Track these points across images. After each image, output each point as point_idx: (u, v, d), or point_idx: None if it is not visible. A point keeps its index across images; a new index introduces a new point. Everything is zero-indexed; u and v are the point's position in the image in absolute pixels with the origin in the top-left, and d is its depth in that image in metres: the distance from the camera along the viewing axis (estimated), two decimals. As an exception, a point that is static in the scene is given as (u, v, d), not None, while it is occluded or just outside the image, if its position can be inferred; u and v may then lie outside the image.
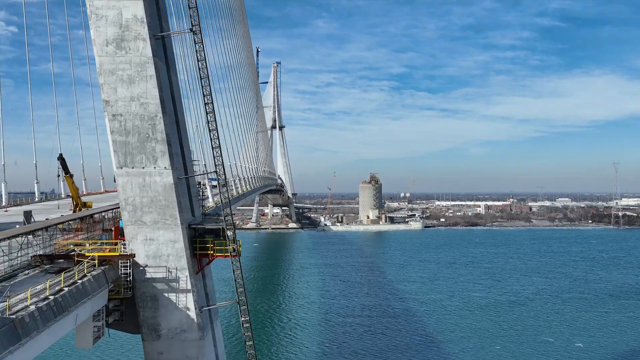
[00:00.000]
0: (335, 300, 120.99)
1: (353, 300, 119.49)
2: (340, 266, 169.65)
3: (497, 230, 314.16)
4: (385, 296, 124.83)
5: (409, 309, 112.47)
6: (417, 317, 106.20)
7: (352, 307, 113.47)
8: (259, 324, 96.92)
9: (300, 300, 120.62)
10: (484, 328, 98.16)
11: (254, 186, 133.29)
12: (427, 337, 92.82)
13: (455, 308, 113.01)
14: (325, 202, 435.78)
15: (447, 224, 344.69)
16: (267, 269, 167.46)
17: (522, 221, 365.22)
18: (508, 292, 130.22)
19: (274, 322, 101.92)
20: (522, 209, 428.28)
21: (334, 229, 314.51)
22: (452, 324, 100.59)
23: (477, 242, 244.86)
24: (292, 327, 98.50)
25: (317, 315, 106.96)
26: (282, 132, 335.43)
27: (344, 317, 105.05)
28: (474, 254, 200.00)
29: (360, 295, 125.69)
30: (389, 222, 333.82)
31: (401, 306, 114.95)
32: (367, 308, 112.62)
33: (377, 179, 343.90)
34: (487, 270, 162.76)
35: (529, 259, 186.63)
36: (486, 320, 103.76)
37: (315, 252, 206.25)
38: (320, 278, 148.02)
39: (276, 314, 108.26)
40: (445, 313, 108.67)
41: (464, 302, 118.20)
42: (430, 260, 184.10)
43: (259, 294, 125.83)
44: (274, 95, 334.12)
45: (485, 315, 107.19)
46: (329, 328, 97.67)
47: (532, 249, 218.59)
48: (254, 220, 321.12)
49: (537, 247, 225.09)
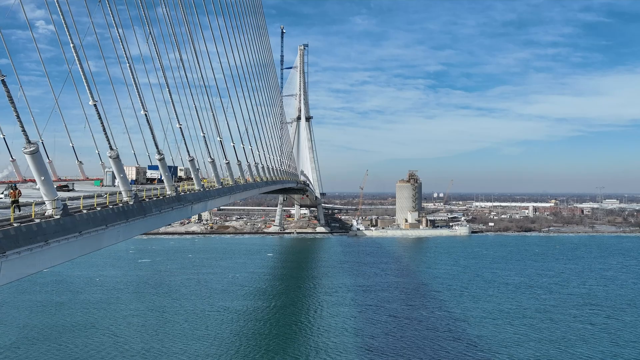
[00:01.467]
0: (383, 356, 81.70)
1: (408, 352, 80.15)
2: (382, 289, 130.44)
3: (556, 237, 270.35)
4: (456, 347, 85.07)
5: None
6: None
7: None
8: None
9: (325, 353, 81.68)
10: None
11: (260, 178, 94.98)
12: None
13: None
14: (356, 202, 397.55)
15: (496, 229, 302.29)
16: (278, 294, 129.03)
17: (581, 226, 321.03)
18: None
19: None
20: (574, 212, 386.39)
21: (367, 234, 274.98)
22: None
23: (538, 253, 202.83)
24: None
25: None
26: (310, 123, 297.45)
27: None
28: (546, 271, 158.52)
29: (419, 344, 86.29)
30: (430, 226, 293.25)
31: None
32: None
33: (416, 178, 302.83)
34: (584, 298, 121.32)
35: (632, 283, 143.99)
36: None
37: (347, 268, 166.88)
38: (355, 310, 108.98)
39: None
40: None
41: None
42: (499, 281, 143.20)
43: (264, 336, 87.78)
44: (299, 82, 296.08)
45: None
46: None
47: (622, 264, 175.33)
48: (278, 223, 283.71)
49: (623, 260, 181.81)
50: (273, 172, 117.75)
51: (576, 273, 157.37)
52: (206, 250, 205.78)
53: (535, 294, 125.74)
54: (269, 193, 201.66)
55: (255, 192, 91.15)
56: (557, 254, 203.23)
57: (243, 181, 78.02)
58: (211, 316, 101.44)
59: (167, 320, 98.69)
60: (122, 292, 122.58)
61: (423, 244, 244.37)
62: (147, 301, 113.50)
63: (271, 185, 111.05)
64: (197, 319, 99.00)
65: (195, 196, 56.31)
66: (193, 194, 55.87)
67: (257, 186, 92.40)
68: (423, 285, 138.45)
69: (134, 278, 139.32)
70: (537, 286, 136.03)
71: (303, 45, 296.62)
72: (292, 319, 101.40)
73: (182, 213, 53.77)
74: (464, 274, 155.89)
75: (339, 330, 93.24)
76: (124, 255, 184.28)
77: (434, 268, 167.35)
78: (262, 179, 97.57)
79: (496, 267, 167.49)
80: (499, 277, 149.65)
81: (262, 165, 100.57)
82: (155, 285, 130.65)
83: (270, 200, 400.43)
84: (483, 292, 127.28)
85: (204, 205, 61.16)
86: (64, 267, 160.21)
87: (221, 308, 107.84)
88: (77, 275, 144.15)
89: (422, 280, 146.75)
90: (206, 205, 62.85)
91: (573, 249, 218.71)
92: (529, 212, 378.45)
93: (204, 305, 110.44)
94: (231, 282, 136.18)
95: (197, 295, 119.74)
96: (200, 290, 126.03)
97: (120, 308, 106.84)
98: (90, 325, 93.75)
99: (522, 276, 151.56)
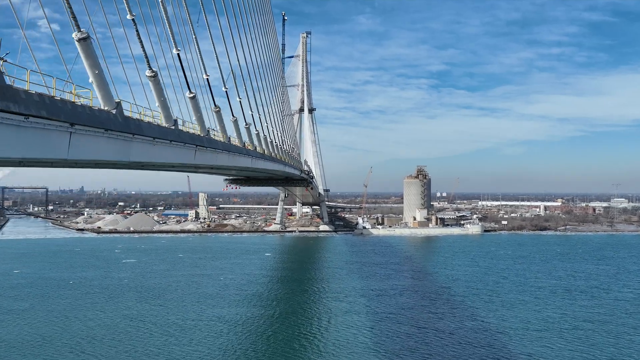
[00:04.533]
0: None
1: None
2: (399, 294, 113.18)
3: (574, 237, 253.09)
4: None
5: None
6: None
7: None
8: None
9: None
10: None
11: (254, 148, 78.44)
12: None
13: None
14: (359, 201, 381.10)
15: (510, 228, 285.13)
16: (279, 300, 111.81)
17: (597, 225, 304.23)
18: None
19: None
20: (587, 211, 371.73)
21: (374, 233, 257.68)
22: None
23: (561, 253, 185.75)
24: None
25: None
26: (313, 115, 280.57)
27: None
28: (578, 272, 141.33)
29: None
30: (440, 224, 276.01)
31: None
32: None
33: (425, 173, 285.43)
34: (635, 305, 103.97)
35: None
36: None
37: (356, 269, 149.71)
38: (371, 319, 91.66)
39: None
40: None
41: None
42: (529, 283, 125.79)
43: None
44: (302, 72, 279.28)
45: None
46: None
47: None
48: (279, 221, 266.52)
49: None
50: (273, 147, 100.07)
51: (612, 275, 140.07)
52: (200, 249, 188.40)
53: (576, 299, 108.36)
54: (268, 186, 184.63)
55: (247, 161, 72.86)
56: (582, 253, 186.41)
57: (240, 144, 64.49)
58: (198, 328, 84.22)
59: (143, 332, 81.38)
60: (97, 297, 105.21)
61: (434, 243, 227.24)
62: (123, 308, 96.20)
63: (269, 162, 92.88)
64: (181, 331, 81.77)
65: (199, 140, 49.76)
66: (195, 136, 49.42)
67: (252, 155, 75.54)
68: (444, 289, 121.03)
69: (113, 281, 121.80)
70: (575, 290, 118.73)
71: (306, 32, 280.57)
72: (296, 330, 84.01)
73: (181, 154, 48.03)
74: (487, 275, 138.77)
75: (355, 346, 75.82)
76: (108, 255, 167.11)
77: (451, 269, 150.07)
78: (259, 151, 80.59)
79: (520, 268, 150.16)
80: (527, 279, 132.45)
81: (262, 134, 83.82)
82: (136, 289, 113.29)
83: (271, 199, 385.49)
84: (516, 298, 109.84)
85: (211, 156, 54.16)
86: (38, 267, 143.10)
87: (211, 317, 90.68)
88: (51, 277, 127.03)
89: (441, 283, 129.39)
90: (216, 159, 55.53)
91: (598, 248, 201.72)
92: (540, 210, 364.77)
93: (190, 313, 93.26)
94: (225, 286, 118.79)
95: (184, 302, 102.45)
96: (187, 295, 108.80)
97: (89, 317, 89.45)
98: (45, 341, 76.31)
99: (553, 278, 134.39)
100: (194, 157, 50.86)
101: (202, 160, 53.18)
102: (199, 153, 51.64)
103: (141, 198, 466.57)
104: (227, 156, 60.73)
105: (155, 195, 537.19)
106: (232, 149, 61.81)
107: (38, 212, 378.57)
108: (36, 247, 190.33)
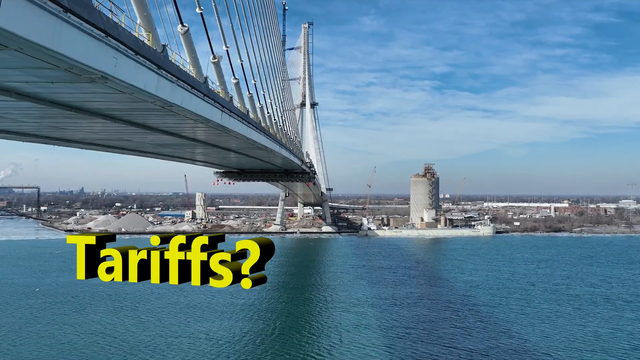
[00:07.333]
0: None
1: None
2: (415, 303, 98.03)
3: (592, 238, 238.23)
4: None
5: None
6: None
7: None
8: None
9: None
10: None
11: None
12: None
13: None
14: (362, 202, 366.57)
15: (522, 229, 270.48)
16: (278, 311, 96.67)
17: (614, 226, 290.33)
18: None
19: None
20: (599, 212, 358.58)
21: (380, 234, 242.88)
22: None
23: (584, 256, 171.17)
24: None
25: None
26: (315, 110, 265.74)
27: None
28: (612, 278, 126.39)
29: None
30: (449, 225, 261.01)
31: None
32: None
33: (433, 172, 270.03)
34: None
35: None
36: None
37: (363, 274, 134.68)
38: (387, 336, 76.52)
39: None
40: None
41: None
42: (562, 291, 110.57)
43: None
44: (304, 65, 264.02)
45: None
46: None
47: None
48: (279, 222, 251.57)
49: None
50: (271, 122, 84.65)
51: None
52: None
53: (622, 311, 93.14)
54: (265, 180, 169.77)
55: (244, 128, 57.46)
56: (606, 256, 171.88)
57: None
58: (178, 346, 69.24)
59: (110, 353, 66.35)
60: (64, 308, 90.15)
61: (444, 245, 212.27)
62: (93, 321, 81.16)
63: (267, 137, 77.02)
64: (156, 351, 66.77)
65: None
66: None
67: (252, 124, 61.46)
68: (466, 297, 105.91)
69: (86, 287, 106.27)
70: (617, 299, 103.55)
71: (307, 23, 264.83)
72: (300, 351, 68.85)
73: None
74: (510, 281, 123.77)
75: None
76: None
77: (469, 274, 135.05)
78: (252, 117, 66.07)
79: (545, 273, 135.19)
80: (557, 286, 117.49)
81: (257, 103, 69.25)
82: (110, 298, 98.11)
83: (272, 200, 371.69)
84: (552, 308, 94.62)
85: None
86: (6, 271, 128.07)
87: (195, 332, 75.75)
88: (16, 282, 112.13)
89: (460, 290, 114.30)
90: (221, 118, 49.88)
91: (622, 251, 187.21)
92: (551, 211, 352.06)
93: (171, 327, 78.29)
94: (214, 293, 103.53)
95: (164, 313, 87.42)
96: (169, 305, 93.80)
97: (47, 334, 74.37)
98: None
99: (587, 285, 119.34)
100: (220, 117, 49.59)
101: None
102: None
103: (139, 199, 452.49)
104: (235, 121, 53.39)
105: (155, 196, 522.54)
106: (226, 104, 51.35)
107: (30, 212, 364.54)
108: (15, 249, 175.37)
